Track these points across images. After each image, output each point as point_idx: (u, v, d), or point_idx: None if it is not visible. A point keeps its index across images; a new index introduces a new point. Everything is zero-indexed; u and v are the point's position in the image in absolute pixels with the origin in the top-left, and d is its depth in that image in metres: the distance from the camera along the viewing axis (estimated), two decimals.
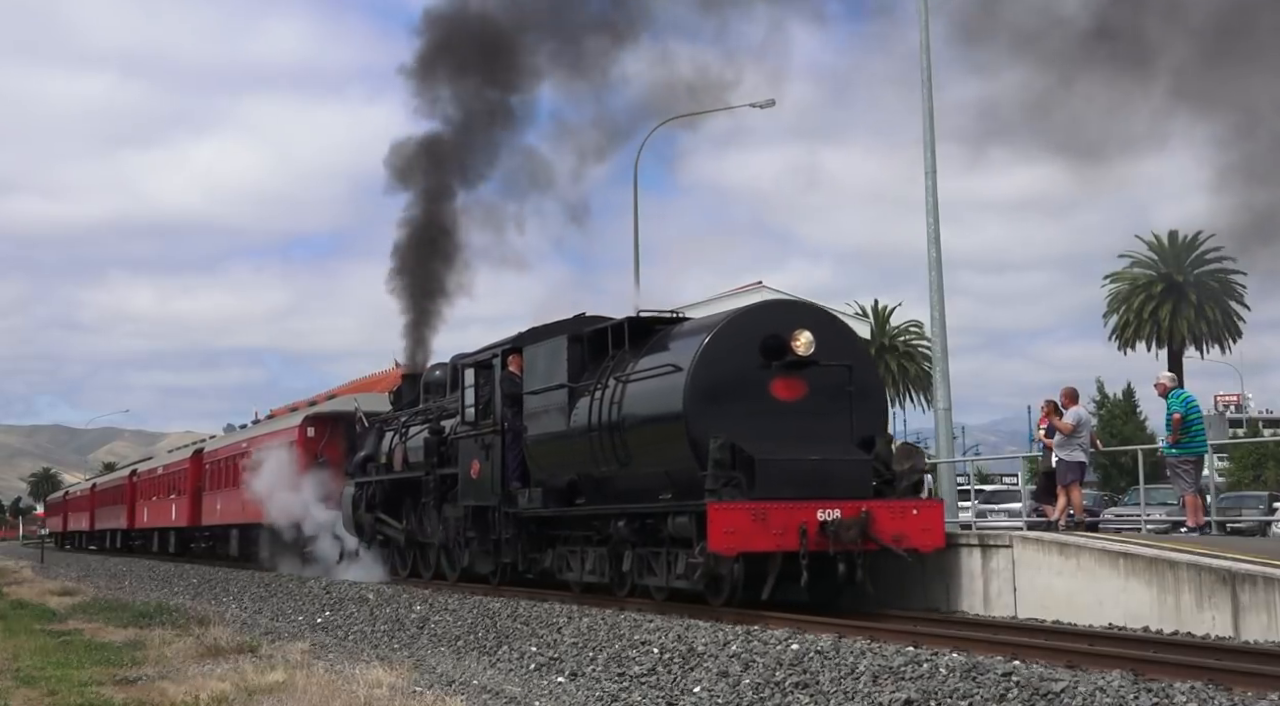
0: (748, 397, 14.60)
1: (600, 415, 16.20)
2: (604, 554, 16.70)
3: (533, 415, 18.19)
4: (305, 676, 10.94)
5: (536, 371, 18.21)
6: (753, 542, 13.70)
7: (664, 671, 11.03)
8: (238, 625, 17.15)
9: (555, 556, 18.01)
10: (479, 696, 10.35)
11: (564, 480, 17.47)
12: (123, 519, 51.00)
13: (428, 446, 22.02)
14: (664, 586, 15.42)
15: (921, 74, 21.36)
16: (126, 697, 10.83)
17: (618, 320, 16.69)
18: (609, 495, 16.56)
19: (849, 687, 9.50)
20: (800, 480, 14.16)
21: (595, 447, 16.34)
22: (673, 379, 14.82)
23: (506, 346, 19.43)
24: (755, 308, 14.97)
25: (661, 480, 15.21)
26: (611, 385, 16.15)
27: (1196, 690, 8.35)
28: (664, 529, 15.06)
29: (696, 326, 15.62)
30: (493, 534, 19.32)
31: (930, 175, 21.46)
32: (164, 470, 44.32)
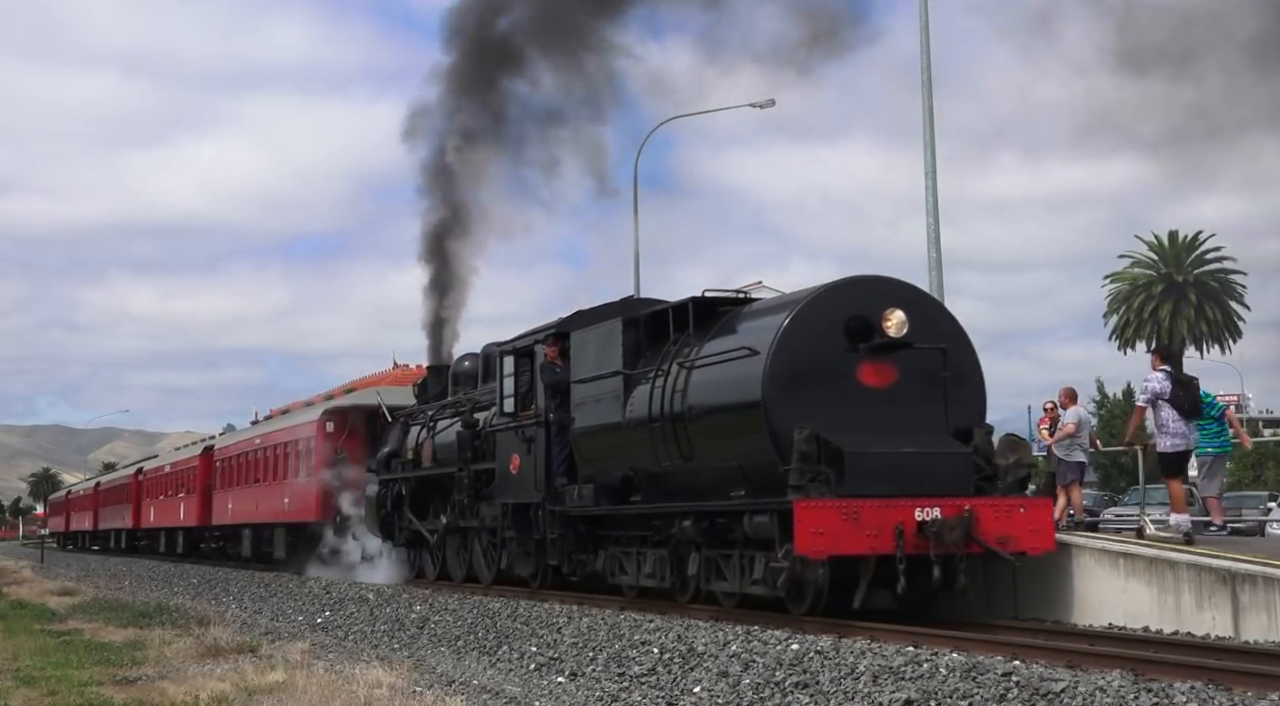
0: (832, 384, 13.22)
1: (661, 404, 14.82)
2: (664, 556, 15.32)
3: (581, 405, 16.82)
4: (305, 676, 10.92)
5: (585, 358, 16.83)
6: (843, 545, 12.32)
7: (664, 671, 10.97)
8: (238, 625, 17.01)
9: (607, 558, 16.62)
10: (479, 696, 10.32)
11: (617, 475, 16.09)
12: (128, 518, 49.63)
13: (460, 440, 20.64)
14: (735, 592, 14.04)
15: (921, 74, 21.54)
16: (126, 697, 10.80)
17: (680, 301, 15.31)
18: (669, 491, 15.19)
19: (849, 687, 9.45)
20: (894, 475, 12.78)
21: (655, 440, 14.96)
22: (748, 364, 13.44)
23: (550, 331, 18.05)
24: (839, 285, 13.56)
25: (732, 475, 13.84)
26: (674, 372, 14.77)
27: (1196, 690, 8.30)
28: (737, 529, 13.68)
29: (771, 306, 14.24)
30: (536, 534, 17.94)
31: (930, 175, 21.60)
32: (172, 468, 42.94)
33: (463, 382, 23.49)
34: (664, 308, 15.65)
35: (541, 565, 18.67)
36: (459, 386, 23.57)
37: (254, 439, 32.92)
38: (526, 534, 18.48)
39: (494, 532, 20.14)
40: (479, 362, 22.98)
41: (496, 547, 20.13)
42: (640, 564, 15.90)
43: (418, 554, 23.59)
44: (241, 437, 35.01)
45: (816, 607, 13.12)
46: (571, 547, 17.34)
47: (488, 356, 22.34)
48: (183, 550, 41.26)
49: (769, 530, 12.93)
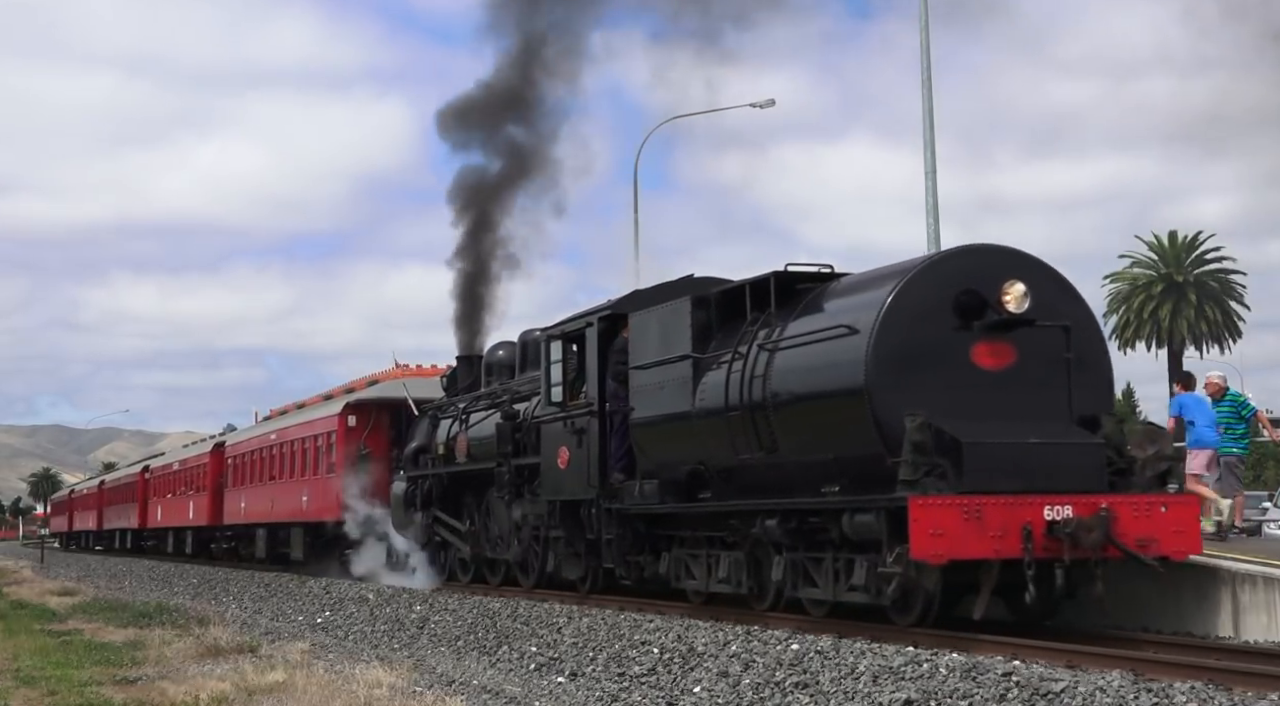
0: (944, 367, 11.74)
1: (740, 391, 13.36)
2: (740, 559, 13.87)
3: (642, 393, 15.36)
4: (305, 676, 10.91)
5: (646, 341, 15.37)
6: (965, 547, 10.84)
7: (664, 671, 10.90)
8: (238, 625, 16.96)
9: (671, 561, 15.16)
10: (479, 696, 10.26)
11: (684, 470, 14.65)
12: (133, 518, 48.18)
13: (500, 433, 19.18)
14: (827, 600, 12.58)
15: (921, 74, 21.33)
16: (126, 697, 10.80)
17: (759, 276, 13.84)
18: (744, 487, 13.73)
19: (849, 687, 9.39)
20: (1018, 469, 11.30)
21: (731, 431, 13.51)
22: (846, 345, 11.97)
23: (604, 313, 16.60)
24: (948, 255, 12.09)
25: (825, 469, 12.38)
26: (754, 355, 13.30)
27: (1196, 690, 8.24)
28: (833, 530, 12.23)
29: (868, 280, 12.75)
30: (589, 534, 16.48)
31: (930, 175, 21.36)
32: (180, 466, 41.45)
33: (497, 373, 22.08)
34: (739, 284, 14.19)
35: (592, 568, 17.24)
36: (493, 376, 22.15)
37: (269, 434, 31.44)
38: (577, 534, 17.04)
39: (537, 532, 18.70)
40: (515, 351, 21.59)
41: (540, 549, 18.70)
42: (712, 567, 14.45)
43: (448, 555, 22.15)
44: (255, 433, 33.52)
45: (926, 618, 11.66)
46: (629, 549, 15.90)
47: (525, 344, 20.95)
48: (192, 550, 39.79)
49: (874, 531, 11.47)
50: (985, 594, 11.26)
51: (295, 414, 31.13)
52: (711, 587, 14.47)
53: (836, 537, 12.22)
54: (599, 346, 16.45)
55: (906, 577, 11.05)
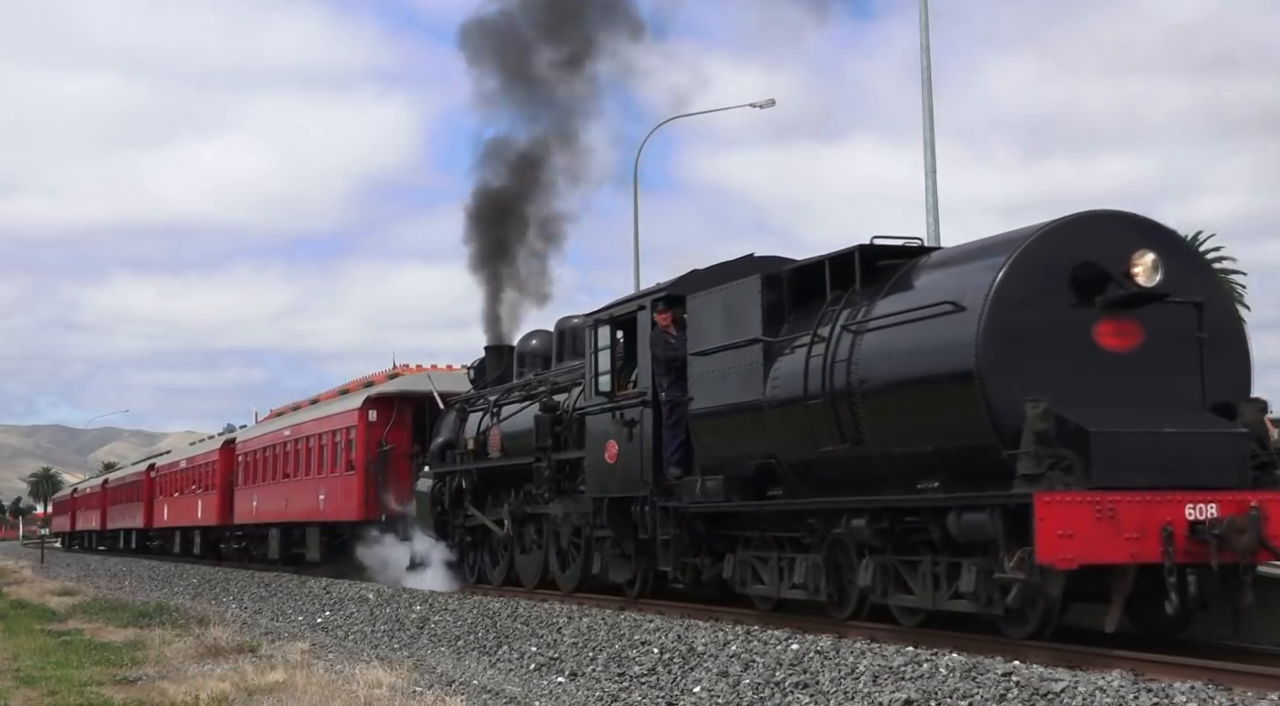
0: (1064, 347, 10.49)
1: (820, 378, 12.11)
2: (818, 563, 12.62)
3: (703, 381, 14.11)
4: (305, 676, 10.88)
5: (708, 325, 14.12)
6: (1097, 550, 9.58)
7: (664, 671, 10.87)
8: (238, 625, 16.89)
9: (737, 564, 13.91)
10: (479, 696, 10.25)
11: (751, 465, 13.40)
12: (139, 517, 46.91)
13: (539, 426, 17.94)
14: (924, 608, 11.33)
15: (921, 74, 21.34)
16: (126, 697, 10.78)
17: (840, 250, 12.58)
18: (821, 483, 12.48)
19: (849, 687, 9.34)
20: (1153, 462, 10.02)
21: (810, 421, 12.25)
22: (952, 324, 10.70)
23: (658, 295, 15.34)
24: (1063, 224, 10.79)
25: (921, 462, 11.13)
26: (837, 337, 12.05)
27: (1196, 690, 8.17)
28: (934, 530, 10.97)
29: (973, 252, 11.46)
30: (641, 533, 15.23)
31: (930, 175, 21.31)
32: (188, 464, 40.14)
33: (530, 363, 20.87)
34: (816, 260, 12.93)
35: (642, 570, 16.01)
36: (525, 367, 20.93)
37: (282, 430, 30.15)
38: (626, 534, 15.80)
39: (578, 532, 17.47)
40: (551, 339, 20.38)
41: (581, 550, 17.47)
42: (784, 571, 13.20)
43: (478, 556, 20.91)
44: (267, 430, 32.22)
45: (1044, 630, 10.39)
46: (685, 551, 14.66)
47: (562, 332, 19.73)
48: (200, 551, 38.50)
49: (987, 531, 10.21)
50: (1118, 604, 9.99)
51: (310, 409, 29.87)
52: (783, 593, 13.23)
53: (938, 539, 10.97)
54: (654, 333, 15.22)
55: (1029, 584, 9.79)
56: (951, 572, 10.93)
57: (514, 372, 21.39)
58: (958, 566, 10.84)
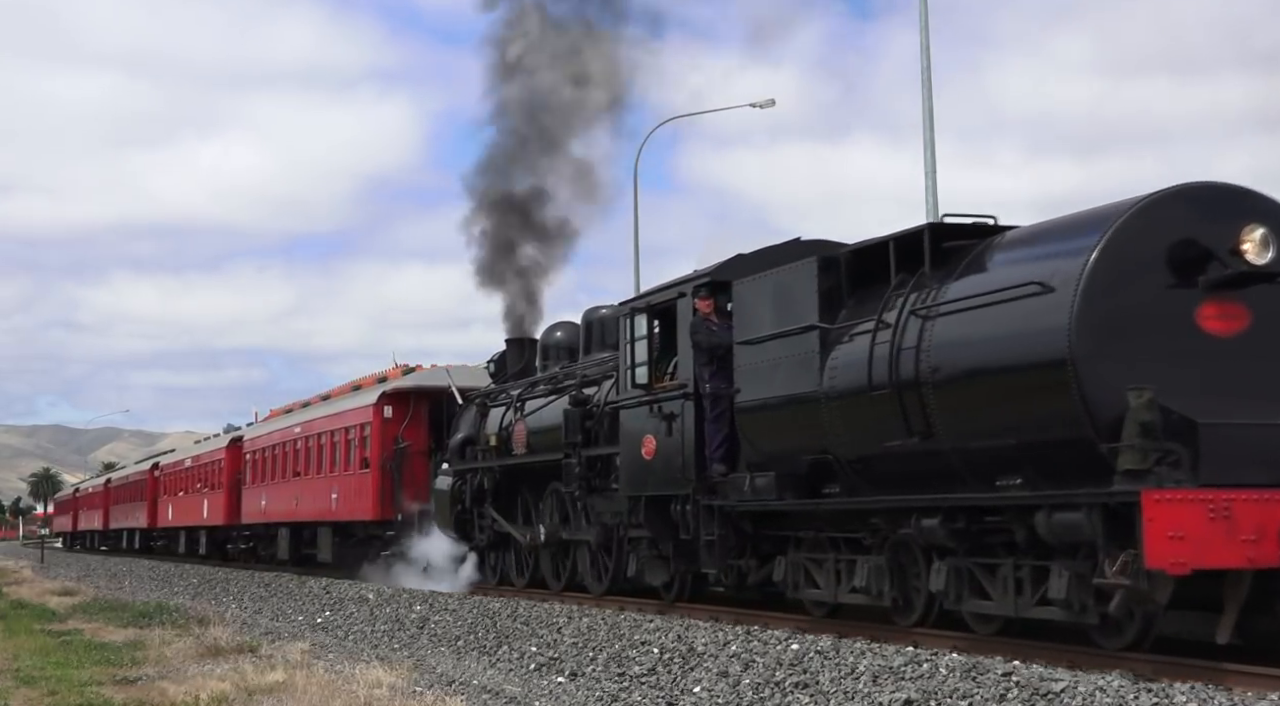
0: (1164, 332, 9.61)
1: (886, 367, 11.24)
2: (881, 565, 11.74)
3: (750, 372, 13.25)
4: (305, 676, 10.86)
5: (756, 312, 13.25)
6: (1211, 554, 8.70)
7: (664, 671, 10.86)
8: (238, 625, 16.86)
9: (788, 566, 13.04)
10: (479, 696, 10.25)
11: (804, 461, 12.53)
12: (142, 517, 46.01)
13: (568, 421, 17.06)
14: (1006, 615, 10.45)
15: (921, 74, 21.33)
16: (126, 697, 10.78)
17: (907, 230, 11.70)
18: (888, 480, 11.60)
19: (849, 687, 9.33)
20: (1268, 457, 9.16)
21: (874, 413, 11.38)
22: (1041, 306, 9.81)
23: (700, 281, 14.48)
24: (1161, 197, 9.90)
25: (1002, 457, 10.25)
26: (905, 323, 11.18)
27: (1196, 690, 8.15)
28: (1017, 531, 10.11)
29: (1060, 229, 10.55)
30: (683, 533, 14.36)
31: (930, 175, 21.22)
32: (193, 462, 39.23)
33: (554, 356, 20.01)
34: (879, 241, 12.05)
35: (679, 573, 15.16)
36: (549, 360, 20.07)
37: (293, 427, 29.24)
38: (664, 534, 14.94)
39: (611, 533, 16.62)
40: (580, 330, 19.53)
41: (614, 551, 16.62)
42: (841, 574, 12.33)
43: (500, 557, 20.05)
44: (276, 427, 31.31)
45: (1143, 641, 9.52)
46: (731, 552, 13.80)
47: (589, 323, 18.87)
48: (206, 551, 37.61)
49: (1083, 532, 9.33)
50: (1232, 613, 9.14)
51: (322, 405, 28.98)
52: (841, 598, 12.35)
53: (1022, 540, 10.10)
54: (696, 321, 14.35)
55: (1135, 591, 8.91)
56: (1037, 577, 10.06)
57: (537, 366, 20.55)
58: (1043, 570, 9.97)
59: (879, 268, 11.90)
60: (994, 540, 10.55)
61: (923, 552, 11.27)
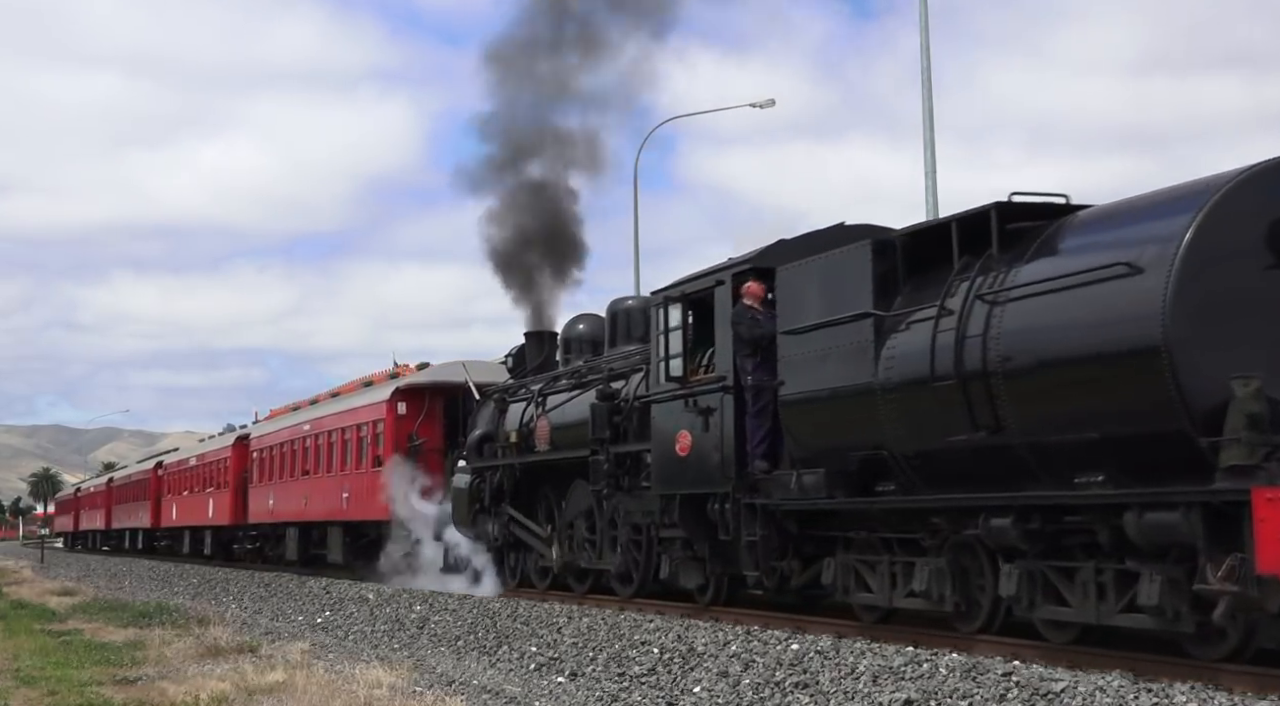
0: (1263, 317, 8.88)
1: (951, 356, 10.50)
2: (943, 568, 11.01)
3: (796, 363, 12.52)
4: (305, 676, 10.87)
5: (803, 300, 12.53)
6: None
7: (664, 671, 10.86)
8: (238, 625, 16.84)
9: (838, 569, 12.31)
10: (479, 696, 10.23)
11: (855, 457, 11.80)
12: (146, 517, 45.26)
13: (596, 416, 16.33)
14: (1086, 622, 9.71)
15: (921, 74, 21.30)
16: (126, 697, 10.78)
17: (972, 210, 10.96)
18: (949, 477, 10.86)
19: (849, 687, 9.32)
20: None
21: (938, 406, 10.64)
22: (1129, 289, 9.07)
23: (740, 268, 13.75)
24: (1265, 170, 9.10)
25: (1081, 453, 9.51)
26: (971, 309, 10.44)
27: (1196, 690, 8.10)
28: (1100, 532, 9.38)
29: (1145, 207, 9.79)
30: (722, 534, 13.62)
31: (930, 175, 21.10)
32: (198, 461, 38.48)
33: (576, 349, 19.27)
34: (938, 223, 11.32)
35: (715, 575, 14.43)
36: (571, 354, 19.34)
37: (301, 425, 28.49)
38: (699, 534, 14.22)
39: (641, 533, 15.90)
40: (600, 323, 18.81)
41: (645, 551, 15.89)
42: (897, 577, 11.59)
43: (521, 557, 19.32)
44: (285, 424, 30.53)
45: (1244, 651, 8.78)
46: (774, 553, 13.08)
47: (615, 315, 18.14)
48: (211, 551, 36.85)
49: (1180, 533, 8.60)
50: None
51: (332, 402, 28.23)
52: (897, 602, 11.61)
53: (1106, 542, 9.37)
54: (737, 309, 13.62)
55: (1243, 598, 8.17)
56: (1122, 582, 9.32)
57: (558, 360, 19.83)
58: (1129, 575, 9.24)
59: (938, 251, 11.17)
60: (1070, 542, 9.82)
61: (987, 554, 10.55)
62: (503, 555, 19.58)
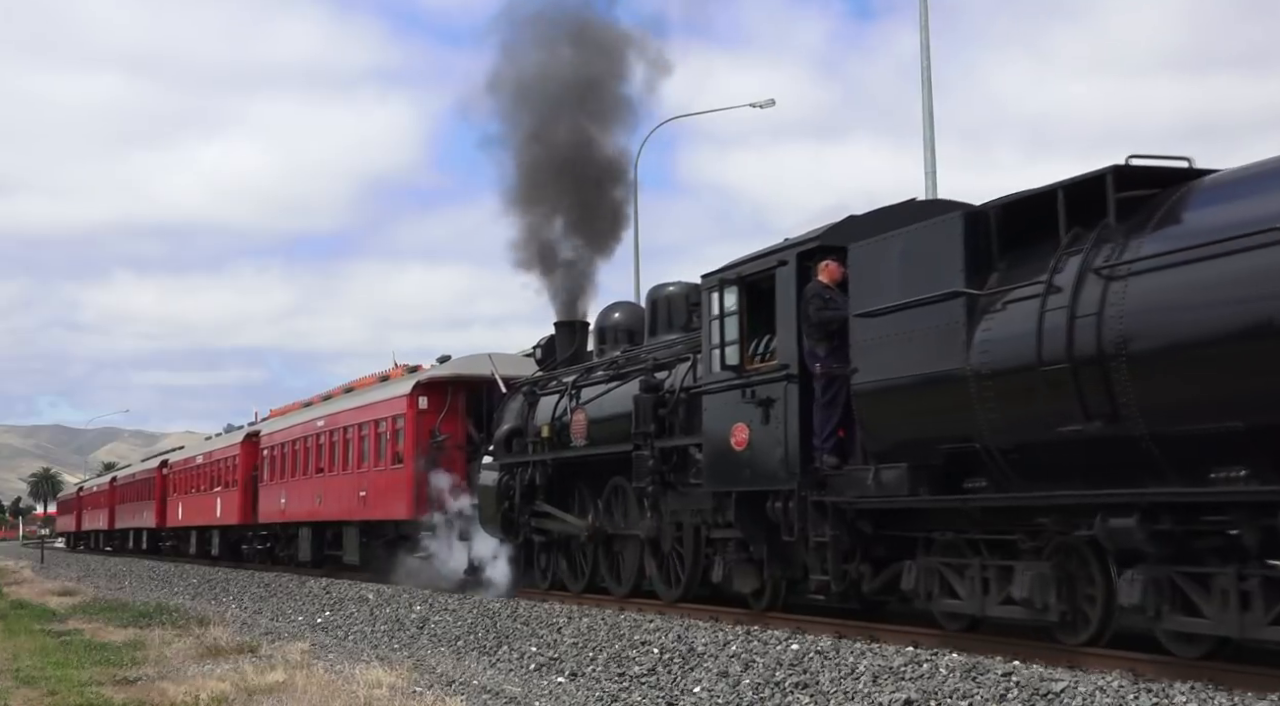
0: None
1: (1062, 338, 9.44)
2: (1046, 574, 9.94)
3: (872, 349, 11.45)
4: (305, 676, 10.87)
5: (880, 279, 11.45)
6: None
7: (664, 671, 10.85)
8: (238, 625, 16.79)
9: (920, 573, 11.24)
10: (479, 696, 10.20)
11: (940, 450, 10.74)
12: (150, 516, 44.18)
13: (640, 409, 15.28)
14: (1226, 636, 8.64)
15: (921, 74, 21.21)
16: (126, 697, 10.78)
17: (1084, 175, 9.88)
18: (1054, 472, 9.80)
19: (849, 687, 9.29)
20: None
21: (1042, 394, 9.58)
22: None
23: (806, 246, 12.70)
24: None
25: (1221, 444, 8.46)
26: (1084, 285, 9.39)
27: (1196, 690, 8.07)
28: (1246, 534, 8.31)
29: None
30: (785, 535, 12.56)
31: (930, 175, 20.98)
32: (205, 459, 37.40)
33: (612, 339, 18.24)
34: (1042, 191, 10.24)
35: (774, 578, 13.38)
36: (607, 344, 18.30)
37: (315, 421, 27.41)
38: (757, 535, 13.17)
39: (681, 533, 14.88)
40: (637, 312, 17.79)
41: (690, 554, 14.85)
42: (989, 583, 10.51)
43: (553, 558, 18.27)
44: (297, 421, 29.44)
45: None
46: (840, 555, 12.02)
47: (655, 303, 17.10)
48: (219, 552, 35.76)
49: None
50: None
51: (347, 397, 27.16)
52: (990, 611, 10.54)
53: (1253, 545, 8.30)
54: (799, 291, 12.56)
55: None
56: (1272, 590, 8.26)
57: (591, 351, 18.80)
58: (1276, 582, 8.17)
59: (1039, 223, 10.11)
60: (1202, 545, 8.76)
61: (1095, 559, 9.51)
62: (533, 554, 18.53)
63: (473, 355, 22.22)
